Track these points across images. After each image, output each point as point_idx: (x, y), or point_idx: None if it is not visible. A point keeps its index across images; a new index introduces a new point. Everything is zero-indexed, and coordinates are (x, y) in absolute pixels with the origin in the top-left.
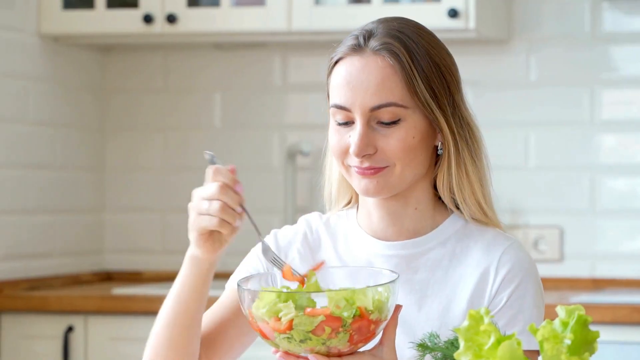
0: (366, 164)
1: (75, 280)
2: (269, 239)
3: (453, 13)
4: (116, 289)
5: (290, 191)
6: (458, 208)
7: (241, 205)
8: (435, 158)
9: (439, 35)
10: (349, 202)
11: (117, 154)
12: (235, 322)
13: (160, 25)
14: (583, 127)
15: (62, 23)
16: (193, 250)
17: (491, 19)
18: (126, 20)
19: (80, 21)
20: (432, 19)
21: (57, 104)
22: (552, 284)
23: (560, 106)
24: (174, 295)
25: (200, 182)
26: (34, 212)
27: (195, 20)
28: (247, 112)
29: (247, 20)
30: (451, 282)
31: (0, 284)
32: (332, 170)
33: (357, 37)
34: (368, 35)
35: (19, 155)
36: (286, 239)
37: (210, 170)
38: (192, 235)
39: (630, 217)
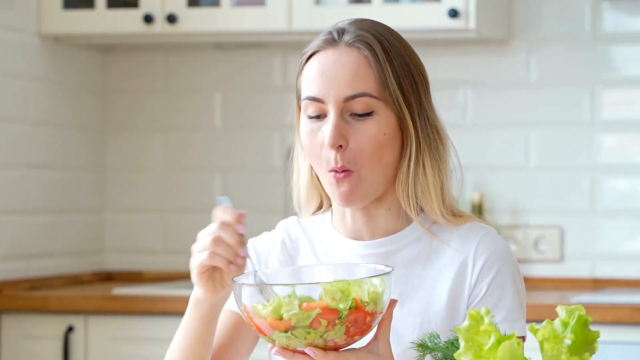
0: (340, 163)
1: (75, 280)
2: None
3: (453, 13)
4: (116, 289)
5: (290, 191)
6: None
7: (243, 248)
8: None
9: (439, 36)
10: (318, 207)
11: (117, 154)
12: (233, 346)
13: (160, 25)
14: (583, 127)
15: (62, 23)
16: (195, 292)
17: (491, 19)
18: (126, 20)
19: (81, 21)
20: (432, 19)
21: (57, 104)
22: (552, 284)
23: (561, 106)
24: (179, 340)
25: (200, 183)
26: (35, 212)
27: (195, 20)
28: (247, 112)
29: (248, 20)
30: (430, 277)
31: (0, 284)
32: (300, 175)
33: (330, 33)
34: (341, 31)
35: (19, 156)
36: (265, 247)
37: (217, 210)
38: (193, 275)
39: (630, 217)
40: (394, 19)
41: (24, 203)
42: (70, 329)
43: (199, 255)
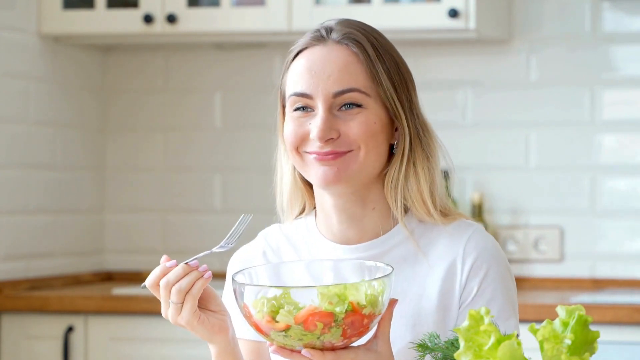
0: (327, 149)
1: (75, 281)
2: (232, 264)
3: (453, 13)
4: (116, 289)
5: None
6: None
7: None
8: (389, 157)
9: (439, 35)
10: (301, 211)
11: (117, 154)
12: None
13: (160, 25)
14: (583, 127)
15: (62, 23)
16: (204, 337)
17: (491, 19)
18: (126, 20)
19: (81, 21)
20: (432, 19)
21: (57, 104)
22: (552, 284)
23: (561, 106)
24: None
25: (200, 183)
26: (35, 212)
27: (195, 20)
28: (247, 112)
29: (248, 20)
30: (419, 278)
31: (0, 284)
32: (284, 177)
33: (318, 31)
34: (329, 29)
35: (19, 156)
36: (246, 260)
37: (160, 288)
38: (190, 330)
39: (630, 217)
40: (394, 19)
41: (24, 203)
42: (70, 329)
43: (172, 311)
